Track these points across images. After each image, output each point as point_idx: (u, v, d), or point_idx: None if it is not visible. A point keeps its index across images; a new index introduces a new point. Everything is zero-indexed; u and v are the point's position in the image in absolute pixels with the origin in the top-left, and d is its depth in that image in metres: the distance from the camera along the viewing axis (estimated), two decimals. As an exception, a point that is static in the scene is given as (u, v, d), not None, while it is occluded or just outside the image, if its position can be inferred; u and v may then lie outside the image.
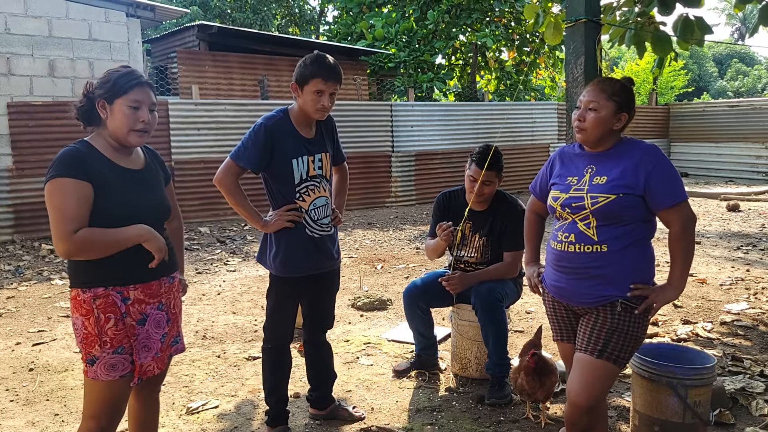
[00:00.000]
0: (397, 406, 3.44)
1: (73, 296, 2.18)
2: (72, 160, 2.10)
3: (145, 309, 2.24)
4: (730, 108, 16.22)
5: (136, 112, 2.16)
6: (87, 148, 2.17)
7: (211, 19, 21.30)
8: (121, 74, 2.18)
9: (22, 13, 8.97)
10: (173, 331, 2.38)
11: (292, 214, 2.85)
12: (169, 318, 2.35)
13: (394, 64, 16.51)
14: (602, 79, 2.44)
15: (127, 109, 2.15)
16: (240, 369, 4.02)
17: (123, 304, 2.17)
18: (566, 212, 2.40)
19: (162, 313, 2.30)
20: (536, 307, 5.22)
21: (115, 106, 2.16)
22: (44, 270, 6.94)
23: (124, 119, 2.15)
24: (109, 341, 2.15)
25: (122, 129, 2.16)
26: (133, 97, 2.16)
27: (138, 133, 2.19)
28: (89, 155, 2.15)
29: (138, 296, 2.21)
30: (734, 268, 6.58)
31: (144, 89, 2.19)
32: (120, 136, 2.18)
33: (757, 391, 3.42)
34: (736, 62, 48.56)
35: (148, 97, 2.20)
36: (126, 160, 2.25)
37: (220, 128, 10.26)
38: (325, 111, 2.81)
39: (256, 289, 6.00)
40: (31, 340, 4.61)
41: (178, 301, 2.44)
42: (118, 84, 2.15)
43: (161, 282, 2.30)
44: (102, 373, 2.16)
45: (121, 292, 2.17)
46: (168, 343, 2.35)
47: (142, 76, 2.22)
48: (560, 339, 2.60)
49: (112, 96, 2.16)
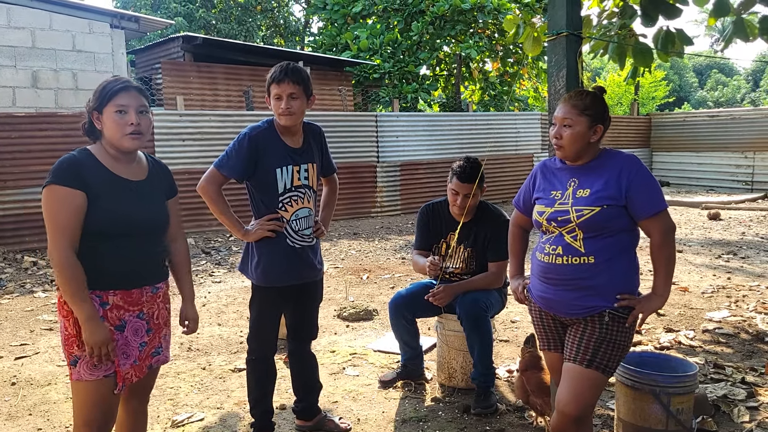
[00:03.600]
0: (384, 416, 3.44)
1: (58, 297, 2.22)
2: (68, 168, 2.13)
3: (124, 316, 2.24)
4: (711, 118, 16.45)
5: (123, 117, 2.18)
6: (85, 155, 2.21)
7: (196, 30, 21.29)
8: (107, 83, 2.22)
9: (5, 24, 8.93)
10: (154, 342, 2.37)
11: (273, 224, 2.85)
12: (150, 328, 2.34)
13: (379, 74, 16.57)
14: (573, 94, 2.46)
15: (115, 114, 2.18)
16: (225, 381, 4.00)
17: (101, 308, 2.18)
18: (552, 226, 2.43)
19: (142, 322, 2.30)
20: (521, 316, 5.25)
21: (105, 115, 2.19)
22: (27, 282, 6.86)
23: (114, 125, 2.18)
24: None
25: (115, 135, 2.19)
26: (119, 101, 2.18)
27: (131, 137, 2.20)
28: (86, 162, 2.18)
29: (117, 302, 2.22)
30: (716, 276, 6.66)
31: (129, 92, 2.21)
32: (114, 142, 2.21)
33: (738, 398, 3.46)
34: (715, 73, 49.32)
35: (134, 99, 2.22)
36: (126, 169, 2.27)
37: (205, 139, 10.23)
38: (287, 114, 2.78)
39: (242, 300, 5.97)
40: (14, 354, 4.55)
41: (164, 312, 2.42)
42: (103, 92, 2.19)
43: (143, 291, 2.30)
44: (85, 372, 2.18)
45: (101, 296, 2.19)
46: (148, 352, 2.34)
47: (128, 81, 2.24)
48: (547, 349, 2.62)
49: (101, 105, 2.20)
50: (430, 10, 17.21)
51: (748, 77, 50.74)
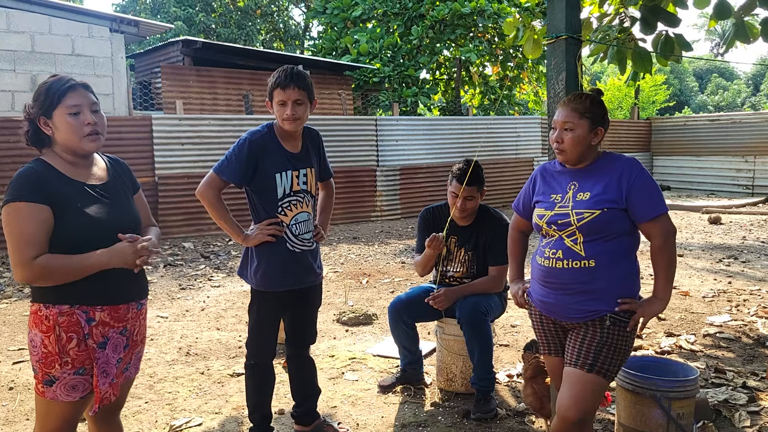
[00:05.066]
0: (383, 421, 3.42)
1: (34, 311, 2.07)
2: (28, 182, 1.99)
3: (108, 332, 2.12)
4: (711, 122, 16.45)
5: (78, 118, 2.05)
6: (43, 167, 2.06)
7: (196, 35, 21.32)
8: (50, 84, 2.07)
9: (5, 28, 8.93)
10: (128, 357, 2.25)
11: (273, 228, 2.84)
12: (128, 344, 2.22)
13: (379, 78, 16.57)
14: (572, 97, 2.44)
15: (68, 116, 2.04)
16: (224, 386, 3.98)
17: (87, 325, 2.06)
18: (552, 229, 2.41)
19: (123, 338, 2.19)
20: (521, 320, 5.23)
21: (55, 119, 2.05)
22: (25, 287, 6.84)
23: (69, 128, 2.05)
24: (71, 362, 2.05)
25: (71, 138, 2.06)
26: (70, 102, 2.05)
27: (90, 138, 2.08)
28: (46, 174, 2.04)
29: (104, 318, 2.10)
30: (716, 281, 6.65)
31: (78, 91, 2.07)
32: (72, 146, 2.08)
33: (740, 403, 3.45)
34: (716, 77, 49.34)
35: (85, 98, 2.08)
36: (86, 174, 2.15)
37: (204, 143, 10.22)
38: (292, 120, 2.77)
39: (241, 305, 5.95)
40: (11, 359, 4.53)
41: (143, 329, 2.32)
42: (49, 95, 2.04)
43: (129, 307, 2.19)
44: (62, 393, 2.06)
45: (87, 312, 2.06)
46: (121, 369, 2.21)
47: (72, 80, 2.10)
48: (548, 353, 2.60)
49: (48, 109, 2.05)
50: (430, 14, 17.23)
51: (748, 81, 50.79)
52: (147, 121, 9.70)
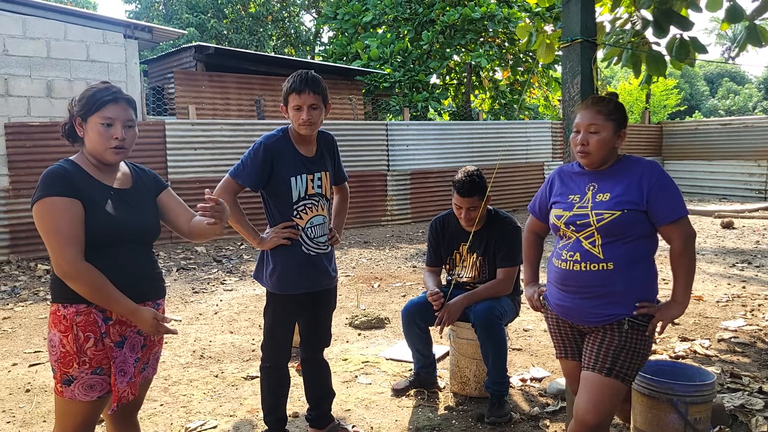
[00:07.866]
0: (397, 425, 3.43)
1: (53, 311, 2.10)
2: (60, 178, 2.03)
3: (125, 331, 2.14)
4: (723, 126, 16.35)
5: (109, 130, 2.08)
6: (72, 166, 2.11)
7: (208, 40, 21.45)
8: (96, 91, 2.10)
9: (21, 34, 9.03)
10: (145, 357, 2.27)
11: (288, 232, 2.85)
12: (145, 344, 2.25)
13: (389, 83, 16.61)
14: (594, 99, 2.43)
15: (100, 126, 2.07)
16: (238, 389, 4.00)
17: (104, 324, 2.09)
18: (570, 230, 2.40)
19: (140, 337, 2.21)
20: (534, 324, 5.22)
21: (89, 124, 2.09)
22: (40, 290, 6.90)
23: (98, 137, 2.08)
24: (89, 361, 2.07)
25: (97, 147, 2.09)
26: (106, 113, 2.07)
27: (114, 151, 2.10)
28: (75, 173, 2.08)
29: (120, 317, 2.12)
30: (730, 285, 6.60)
31: (119, 105, 2.10)
32: (96, 154, 2.12)
33: (756, 408, 3.42)
34: (727, 81, 49.06)
35: (123, 113, 2.10)
36: (111, 178, 2.18)
37: (216, 148, 10.28)
38: (308, 125, 2.78)
39: (254, 308, 5.98)
40: (28, 361, 4.57)
41: None
42: (91, 101, 2.08)
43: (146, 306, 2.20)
44: (80, 393, 2.08)
45: (104, 311, 2.09)
46: (139, 368, 2.24)
47: (118, 91, 2.13)
48: (564, 357, 2.59)
49: (86, 113, 2.08)
50: (440, 19, 17.26)
51: (759, 85, 50.45)
52: (160, 126, 9.78)
